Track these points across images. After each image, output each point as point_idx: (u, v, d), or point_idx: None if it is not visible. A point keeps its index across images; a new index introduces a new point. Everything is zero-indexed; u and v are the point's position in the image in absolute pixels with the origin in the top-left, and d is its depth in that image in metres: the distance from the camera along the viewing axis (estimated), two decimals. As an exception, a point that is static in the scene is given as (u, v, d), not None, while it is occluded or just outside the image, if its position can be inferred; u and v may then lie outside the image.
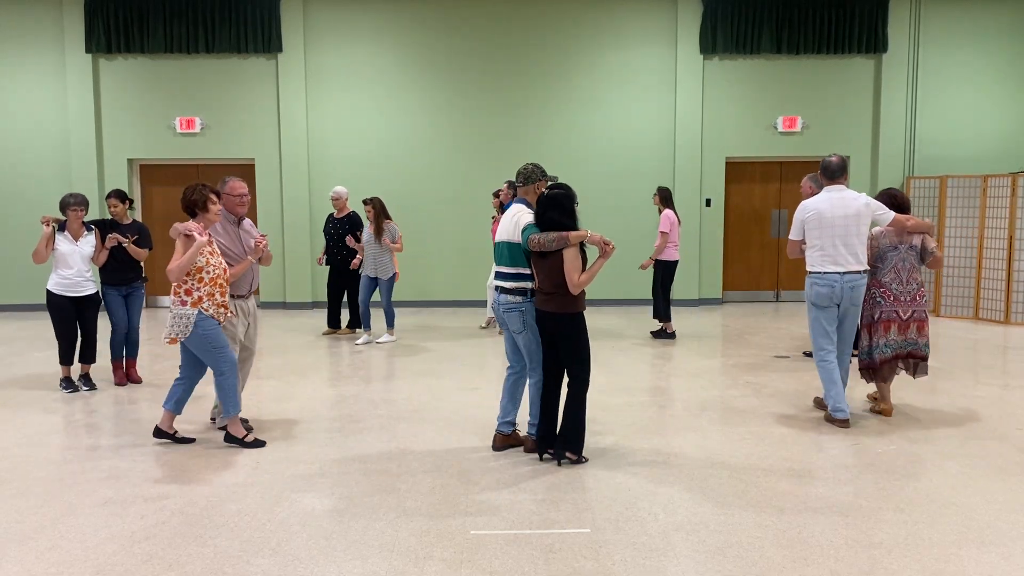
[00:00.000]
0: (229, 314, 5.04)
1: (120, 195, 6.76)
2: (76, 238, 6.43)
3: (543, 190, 4.65)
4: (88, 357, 6.64)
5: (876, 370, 5.61)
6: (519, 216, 4.74)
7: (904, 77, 11.66)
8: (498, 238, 4.82)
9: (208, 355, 4.91)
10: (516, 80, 11.65)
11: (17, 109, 11.56)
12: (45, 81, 11.53)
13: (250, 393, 6.50)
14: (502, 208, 9.31)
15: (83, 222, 6.51)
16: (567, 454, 4.61)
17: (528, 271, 4.68)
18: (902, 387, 6.51)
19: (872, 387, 6.32)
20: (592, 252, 5.91)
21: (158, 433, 5.10)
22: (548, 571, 3.32)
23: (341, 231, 9.12)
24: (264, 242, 5.33)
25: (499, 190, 9.39)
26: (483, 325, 9.93)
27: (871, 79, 11.74)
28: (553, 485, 4.30)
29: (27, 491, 4.29)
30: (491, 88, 11.66)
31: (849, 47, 11.55)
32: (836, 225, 5.32)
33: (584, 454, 4.70)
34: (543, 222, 4.52)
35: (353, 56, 11.58)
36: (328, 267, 9.44)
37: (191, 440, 5.14)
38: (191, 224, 4.89)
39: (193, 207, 4.96)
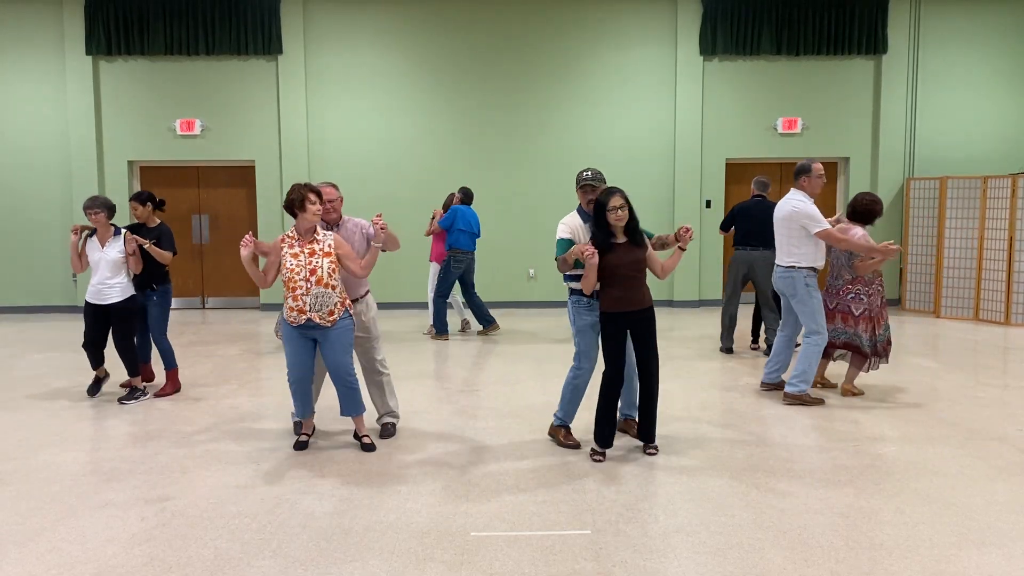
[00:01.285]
0: (308, 317, 4.79)
1: (139, 197, 6.45)
2: (103, 243, 6.17)
3: (589, 198, 4.85)
4: (131, 371, 6.31)
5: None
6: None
7: (904, 78, 11.67)
8: None
9: None
10: (516, 81, 11.66)
11: (17, 111, 11.57)
12: (45, 83, 11.54)
13: (249, 395, 6.50)
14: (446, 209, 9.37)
15: (114, 225, 6.23)
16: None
17: (574, 272, 4.85)
18: (902, 387, 6.51)
19: (844, 382, 6.49)
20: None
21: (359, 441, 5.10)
22: (548, 572, 3.32)
23: None
24: (380, 224, 4.93)
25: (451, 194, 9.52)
26: (457, 330, 9.85)
27: (871, 80, 11.75)
28: (553, 486, 4.30)
29: (27, 493, 4.29)
30: (491, 89, 11.66)
31: (849, 48, 11.56)
32: (775, 225, 6.04)
33: (594, 447, 4.81)
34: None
35: (353, 58, 11.59)
36: None
37: (373, 448, 5.00)
38: (245, 238, 4.78)
39: (292, 207, 4.76)
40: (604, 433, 4.76)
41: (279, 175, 11.67)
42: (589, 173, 4.89)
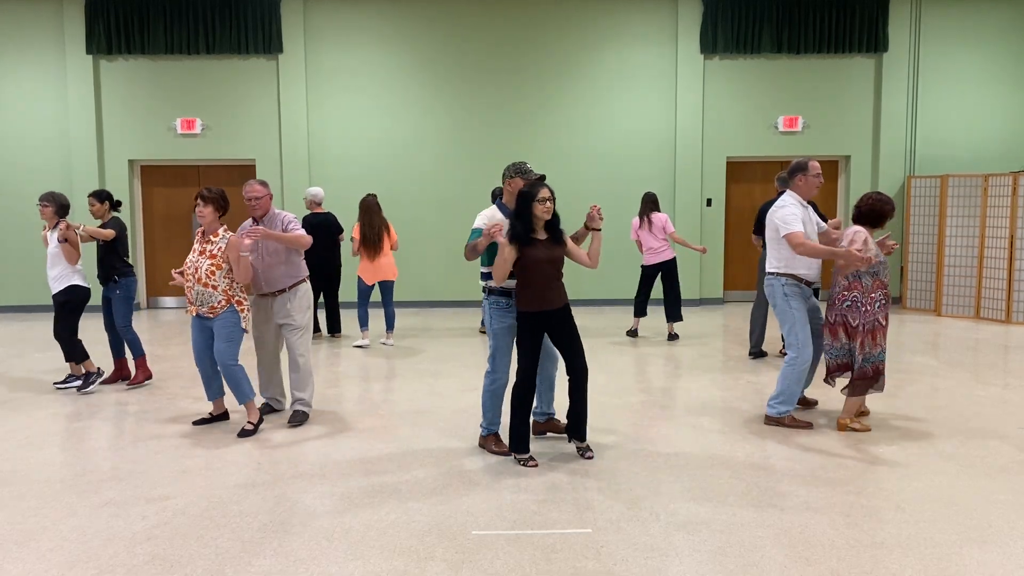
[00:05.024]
0: (190, 311, 5.40)
1: (97, 195, 6.68)
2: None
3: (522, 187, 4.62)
4: (68, 357, 6.58)
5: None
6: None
7: (905, 76, 11.66)
8: None
9: None
10: (516, 80, 11.65)
11: (17, 110, 11.57)
12: (46, 82, 11.54)
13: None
14: None
15: (62, 219, 6.46)
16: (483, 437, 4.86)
17: (489, 269, 4.75)
18: (903, 386, 6.51)
19: (841, 414, 6.06)
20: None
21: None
22: (549, 571, 3.32)
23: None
24: (238, 247, 5.27)
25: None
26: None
27: (872, 78, 11.74)
28: (554, 485, 4.30)
29: (28, 492, 4.30)
30: (491, 88, 11.66)
31: (850, 47, 11.55)
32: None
33: (516, 453, 4.68)
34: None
35: (353, 56, 11.59)
36: None
37: (252, 432, 5.39)
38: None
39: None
40: (522, 438, 4.65)
41: (280, 174, 11.67)
42: (529, 165, 4.82)
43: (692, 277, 11.84)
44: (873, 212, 5.20)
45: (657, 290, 9.58)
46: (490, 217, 4.76)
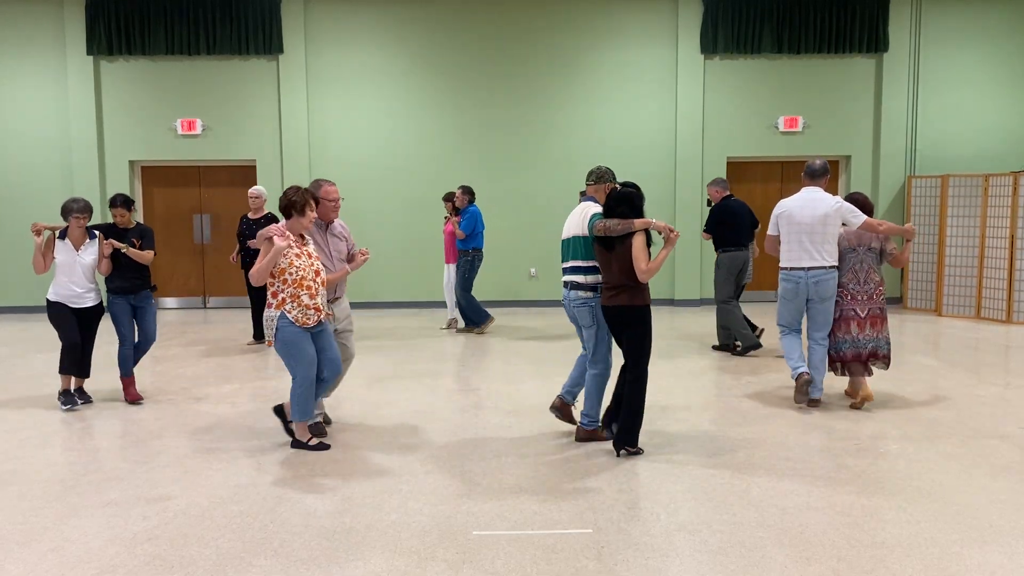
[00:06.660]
0: (324, 316, 4.90)
1: (127, 203, 6.09)
2: (77, 247, 5.94)
3: (616, 186, 4.88)
4: (83, 371, 6.14)
5: (841, 364, 5.88)
6: (587, 210, 4.91)
7: (905, 76, 11.66)
8: (567, 234, 4.98)
9: (285, 359, 4.85)
10: (517, 80, 11.66)
11: (18, 111, 11.58)
12: (46, 83, 11.54)
13: (250, 395, 6.50)
14: (455, 211, 9.30)
15: (88, 229, 6.03)
16: (626, 447, 4.76)
17: (581, 264, 4.86)
18: (903, 386, 6.51)
19: (845, 383, 6.52)
20: (658, 244, 6.06)
21: (296, 444, 5.01)
22: (550, 571, 3.32)
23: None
24: (365, 258, 5.24)
25: (452, 192, 9.43)
26: (443, 327, 9.89)
27: (872, 78, 11.74)
28: (555, 485, 4.31)
29: (29, 493, 4.30)
30: (492, 88, 11.66)
31: (850, 47, 11.55)
32: (804, 223, 5.71)
33: (635, 448, 4.80)
34: (613, 216, 4.69)
35: (354, 57, 11.59)
36: (245, 271, 8.71)
37: (327, 447, 5.01)
38: (273, 228, 4.77)
39: (290, 209, 4.80)
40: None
41: (280, 174, 11.67)
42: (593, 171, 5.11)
43: (692, 278, 11.85)
44: (866, 208, 5.83)
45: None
46: (597, 210, 4.88)
